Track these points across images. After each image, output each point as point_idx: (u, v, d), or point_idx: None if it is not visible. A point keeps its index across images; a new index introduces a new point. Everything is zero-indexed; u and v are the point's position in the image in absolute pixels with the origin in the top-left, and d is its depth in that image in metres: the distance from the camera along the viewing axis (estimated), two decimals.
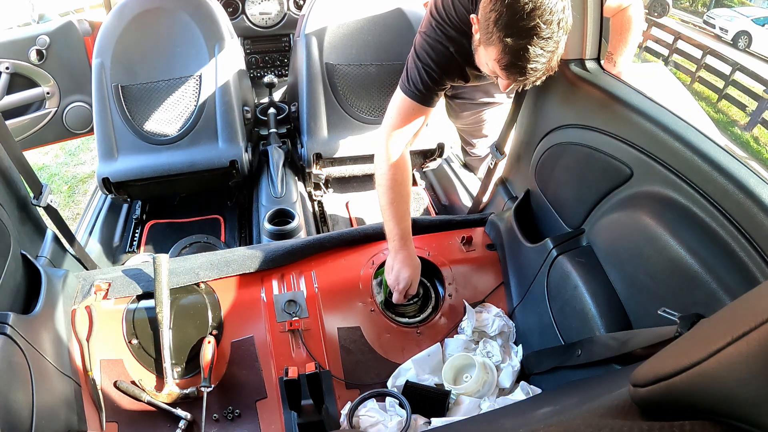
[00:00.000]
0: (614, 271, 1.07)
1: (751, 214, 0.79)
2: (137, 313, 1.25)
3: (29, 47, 2.05)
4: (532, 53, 0.93)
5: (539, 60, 0.94)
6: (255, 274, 1.34)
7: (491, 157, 1.60)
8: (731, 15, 11.35)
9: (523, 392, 1.16)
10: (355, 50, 2.00)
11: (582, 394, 0.81)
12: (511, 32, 0.92)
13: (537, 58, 0.94)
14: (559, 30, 0.93)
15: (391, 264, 1.32)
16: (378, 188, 1.31)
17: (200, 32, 1.94)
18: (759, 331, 0.34)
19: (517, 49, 0.93)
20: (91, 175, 3.73)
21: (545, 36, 0.91)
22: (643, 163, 1.00)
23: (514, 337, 1.33)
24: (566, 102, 1.25)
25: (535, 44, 0.92)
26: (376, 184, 1.31)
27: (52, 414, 0.99)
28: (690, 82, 9.10)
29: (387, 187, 1.28)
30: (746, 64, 8.69)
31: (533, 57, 0.93)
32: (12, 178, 1.23)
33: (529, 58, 0.93)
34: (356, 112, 2.05)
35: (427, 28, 1.22)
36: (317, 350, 1.25)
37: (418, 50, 1.23)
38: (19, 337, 0.96)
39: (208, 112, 1.95)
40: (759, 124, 8.05)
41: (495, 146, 1.56)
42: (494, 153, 1.56)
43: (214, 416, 1.20)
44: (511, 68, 0.97)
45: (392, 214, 1.29)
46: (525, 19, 0.90)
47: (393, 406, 1.15)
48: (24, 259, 1.17)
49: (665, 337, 0.79)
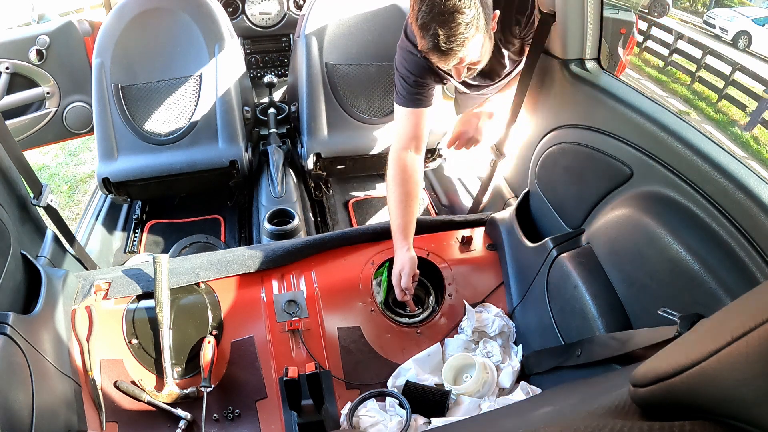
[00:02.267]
0: (614, 271, 1.07)
1: (751, 214, 0.79)
2: (137, 313, 1.25)
3: (29, 47, 2.05)
4: (443, 36, 1.08)
5: (454, 40, 1.09)
6: (255, 274, 1.34)
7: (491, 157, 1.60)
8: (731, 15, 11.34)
9: (523, 392, 1.16)
10: (355, 50, 2.00)
11: (582, 394, 0.81)
12: (422, 24, 1.10)
13: (451, 38, 1.09)
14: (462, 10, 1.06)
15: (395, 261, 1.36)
16: (386, 188, 1.44)
17: (200, 32, 1.94)
18: (759, 331, 0.34)
19: (430, 36, 1.10)
20: (91, 175, 3.73)
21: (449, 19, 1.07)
22: (643, 163, 1.00)
23: (514, 337, 1.33)
24: (566, 102, 1.25)
25: (441, 27, 1.08)
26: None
27: (52, 414, 0.99)
28: (690, 82, 9.09)
29: (389, 185, 1.40)
30: (746, 64, 8.68)
31: (444, 39, 1.09)
32: (12, 178, 1.23)
33: (440, 41, 1.09)
34: (356, 112, 2.05)
35: (401, 40, 1.38)
36: (317, 350, 1.25)
37: (396, 61, 1.41)
38: (19, 337, 0.96)
39: (208, 112, 1.95)
40: (759, 124, 8.05)
41: (495, 146, 1.56)
42: (494, 153, 1.56)
43: (214, 416, 1.20)
44: (434, 52, 1.13)
45: (391, 209, 1.38)
46: (430, 12, 1.07)
47: (393, 406, 1.15)
48: (24, 259, 1.17)
49: (665, 337, 0.79)
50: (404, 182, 1.37)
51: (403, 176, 1.37)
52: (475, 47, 1.15)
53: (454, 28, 1.07)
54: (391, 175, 1.39)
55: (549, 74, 1.28)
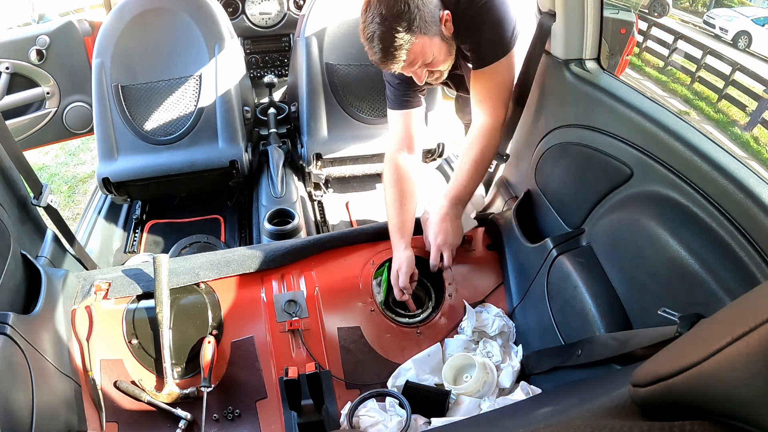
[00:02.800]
0: (614, 271, 1.07)
1: (751, 214, 0.78)
2: (137, 313, 1.25)
3: (29, 47, 2.05)
4: (381, 45, 1.11)
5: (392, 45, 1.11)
6: (255, 274, 1.34)
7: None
8: (731, 15, 11.33)
9: (523, 392, 1.16)
10: (355, 50, 2.00)
11: (582, 394, 0.81)
12: (366, 37, 1.14)
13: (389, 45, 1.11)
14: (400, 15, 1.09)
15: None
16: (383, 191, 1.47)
17: (200, 32, 1.94)
18: (759, 331, 0.34)
19: (372, 47, 1.13)
20: (91, 175, 3.73)
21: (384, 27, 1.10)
22: (643, 163, 1.00)
23: (514, 337, 1.33)
24: (566, 102, 1.25)
25: (379, 36, 1.11)
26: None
27: (52, 414, 0.99)
28: (690, 82, 9.09)
29: (385, 186, 1.44)
30: (746, 64, 8.68)
31: (383, 47, 1.12)
32: (12, 178, 1.23)
33: (380, 50, 1.12)
34: (356, 112, 2.04)
35: None
36: (317, 350, 1.25)
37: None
38: (19, 337, 0.96)
39: (208, 112, 1.95)
40: (759, 124, 8.04)
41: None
42: (495, 156, 1.56)
43: (214, 416, 1.20)
44: (380, 62, 1.16)
45: (388, 210, 1.40)
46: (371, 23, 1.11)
47: (393, 406, 1.15)
48: (24, 259, 1.17)
49: (665, 337, 0.79)
50: (398, 182, 1.40)
51: (396, 176, 1.40)
52: (422, 50, 1.15)
53: (390, 33, 1.09)
54: (386, 177, 1.43)
55: (549, 74, 1.28)
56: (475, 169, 1.35)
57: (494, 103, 1.31)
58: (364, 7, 1.14)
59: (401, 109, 1.42)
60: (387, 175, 1.43)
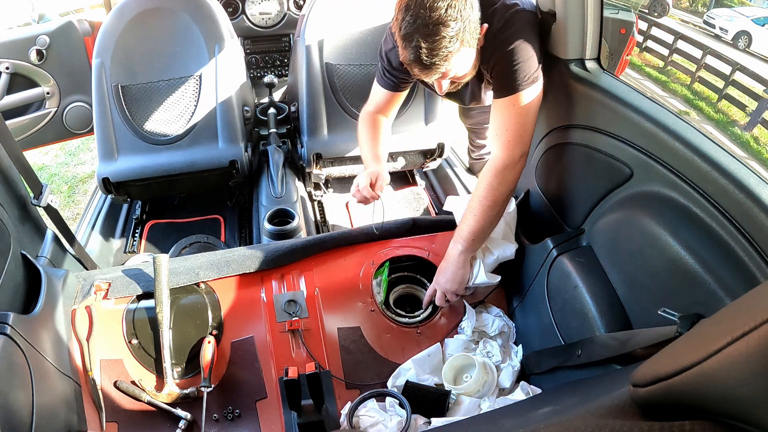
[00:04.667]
0: (614, 271, 1.07)
1: (751, 214, 0.79)
2: (137, 313, 1.25)
3: (29, 47, 2.05)
4: (425, 49, 1.03)
5: (437, 54, 1.04)
6: (255, 274, 1.34)
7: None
8: (731, 15, 11.33)
9: (523, 392, 1.16)
10: (355, 50, 2.00)
11: (582, 394, 0.81)
12: (405, 35, 1.05)
13: (433, 52, 1.04)
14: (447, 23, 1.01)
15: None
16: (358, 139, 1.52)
17: (200, 32, 1.94)
18: (759, 331, 0.34)
19: (413, 48, 1.05)
20: (91, 175, 3.73)
21: (433, 32, 1.02)
22: (643, 163, 1.00)
23: (514, 337, 1.33)
24: (566, 102, 1.25)
25: (424, 40, 1.03)
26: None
27: (52, 414, 0.98)
28: (690, 82, 9.09)
29: (360, 132, 1.50)
30: (746, 64, 8.68)
31: (427, 53, 1.04)
32: (12, 178, 1.23)
33: (422, 54, 1.04)
34: (356, 112, 2.04)
35: (388, 32, 1.34)
36: (317, 350, 1.25)
37: (382, 47, 1.38)
38: (19, 337, 0.96)
39: (208, 112, 1.95)
40: (759, 124, 8.04)
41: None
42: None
43: (214, 416, 1.20)
44: (415, 65, 1.08)
45: (362, 147, 1.47)
46: (414, 23, 1.02)
47: (393, 406, 1.15)
48: (24, 259, 1.17)
49: (665, 337, 0.79)
50: (373, 126, 1.47)
51: (372, 124, 1.47)
52: (460, 62, 1.09)
53: (438, 41, 1.02)
54: (360, 126, 1.50)
55: (549, 74, 1.28)
56: (482, 209, 1.23)
57: (511, 137, 1.18)
58: (403, 2, 1.05)
59: (389, 90, 1.44)
60: (363, 123, 1.49)
